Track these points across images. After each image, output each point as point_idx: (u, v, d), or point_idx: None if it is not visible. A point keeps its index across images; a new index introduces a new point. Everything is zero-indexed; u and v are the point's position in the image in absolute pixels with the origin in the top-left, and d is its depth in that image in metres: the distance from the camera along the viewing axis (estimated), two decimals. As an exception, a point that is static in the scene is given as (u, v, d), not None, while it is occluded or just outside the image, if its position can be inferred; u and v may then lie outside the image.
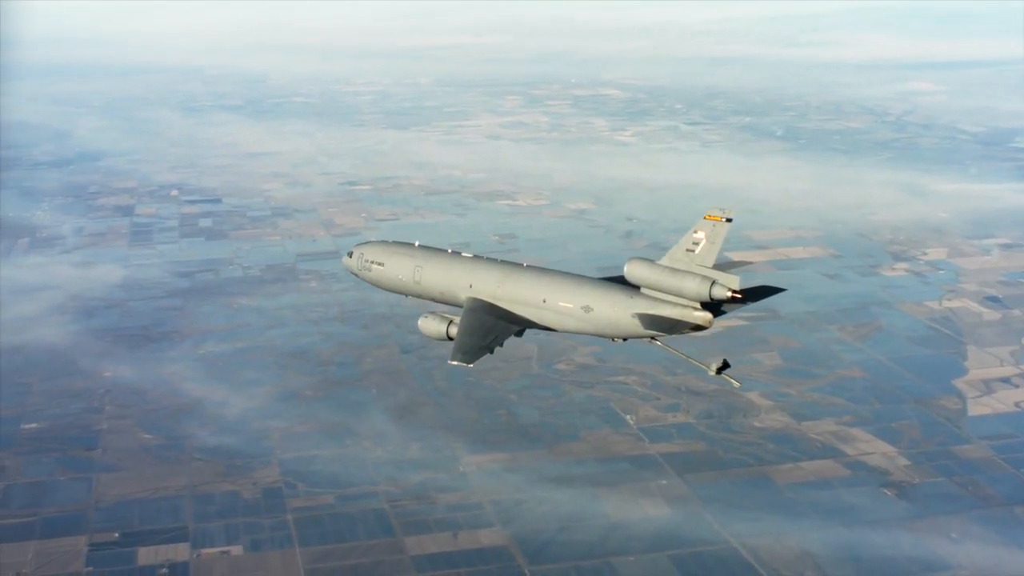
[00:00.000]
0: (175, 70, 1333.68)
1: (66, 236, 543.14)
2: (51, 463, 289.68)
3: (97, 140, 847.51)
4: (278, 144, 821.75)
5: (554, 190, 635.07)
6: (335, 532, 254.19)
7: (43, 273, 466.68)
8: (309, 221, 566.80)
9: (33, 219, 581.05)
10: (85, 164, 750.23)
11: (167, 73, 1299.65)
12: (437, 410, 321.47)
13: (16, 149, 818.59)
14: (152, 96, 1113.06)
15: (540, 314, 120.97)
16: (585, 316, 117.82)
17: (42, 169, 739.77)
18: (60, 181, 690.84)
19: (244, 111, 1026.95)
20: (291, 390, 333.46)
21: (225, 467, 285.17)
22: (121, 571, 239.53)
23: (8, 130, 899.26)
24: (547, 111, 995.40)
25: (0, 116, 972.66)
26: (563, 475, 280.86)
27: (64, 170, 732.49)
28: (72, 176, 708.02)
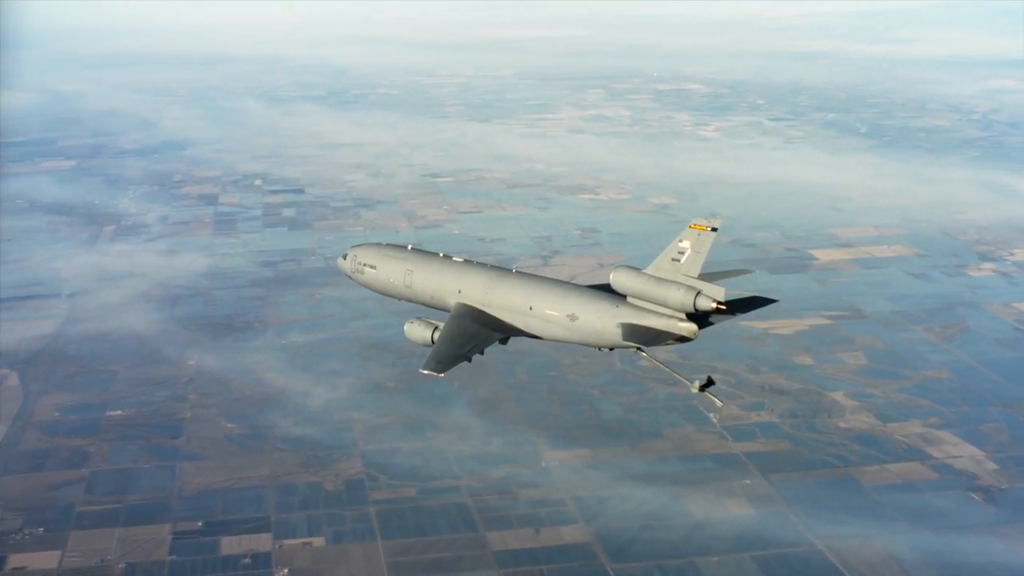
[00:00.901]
0: (260, 60, 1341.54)
1: (151, 224, 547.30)
2: (135, 451, 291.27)
3: (182, 129, 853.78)
4: (361, 135, 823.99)
5: (636, 185, 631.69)
6: (417, 525, 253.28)
7: (128, 261, 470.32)
8: (391, 212, 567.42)
9: (119, 207, 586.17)
10: (170, 153, 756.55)
11: (252, 63, 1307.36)
12: (519, 404, 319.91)
13: (103, 137, 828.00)
14: (237, 86, 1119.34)
15: (526, 321, 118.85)
16: (571, 325, 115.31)
17: (128, 157, 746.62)
18: (145, 169, 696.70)
19: (327, 101, 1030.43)
20: (373, 382, 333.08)
21: (307, 458, 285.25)
22: (204, 560, 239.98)
23: (95, 119, 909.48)
24: (629, 105, 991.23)
25: (88, 105, 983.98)
26: (646, 473, 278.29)
27: (149, 159, 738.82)
28: (157, 165, 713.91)
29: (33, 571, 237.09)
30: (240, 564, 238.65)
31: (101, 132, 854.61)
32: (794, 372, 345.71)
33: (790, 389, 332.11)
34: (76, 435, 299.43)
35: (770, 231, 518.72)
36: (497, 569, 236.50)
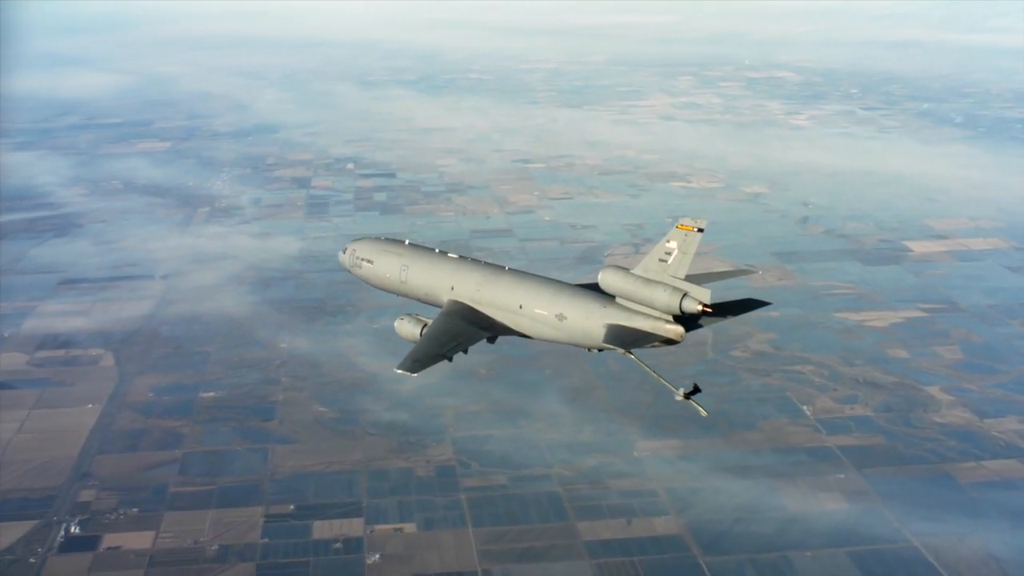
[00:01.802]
0: (352, 44, 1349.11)
1: (244, 207, 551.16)
2: (228, 433, 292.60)
3: (275, 112, 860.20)
4: (452, 120, 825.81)
5: (728, 173, 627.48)
6: (508, 513, 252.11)
7: (222, 243, 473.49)
8: (482, 198, 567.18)
9: (212, 189, 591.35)
10: (263, 136, 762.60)
11: (344, 47, 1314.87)
12: (610, 393, 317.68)
13: (197, 119, 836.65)
14: (329, 69, 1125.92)
15: (516, 320, 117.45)
16: (559, 324, 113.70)
17: (222, 139, 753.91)
18: (239, 152, 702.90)
19: (419, 86, 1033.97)
20: (465, 368, 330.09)
21: (399, 443, 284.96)
22: (296, 544, 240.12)
23: (190, 101, 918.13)
24: (720, 92, 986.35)
25: (183, 87, 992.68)
26: (739, 465, 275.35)
27: (243, 141, 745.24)
28: (250, 147, 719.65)
29: (127, 551, 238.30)
30: (332, 549, 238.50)
31: (195, 114, 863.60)
32: (889, 365, 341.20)
33: (885, 383, 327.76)
34: (170, 416, 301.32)
35: (863, 222, 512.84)
36: (588, 559, 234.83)
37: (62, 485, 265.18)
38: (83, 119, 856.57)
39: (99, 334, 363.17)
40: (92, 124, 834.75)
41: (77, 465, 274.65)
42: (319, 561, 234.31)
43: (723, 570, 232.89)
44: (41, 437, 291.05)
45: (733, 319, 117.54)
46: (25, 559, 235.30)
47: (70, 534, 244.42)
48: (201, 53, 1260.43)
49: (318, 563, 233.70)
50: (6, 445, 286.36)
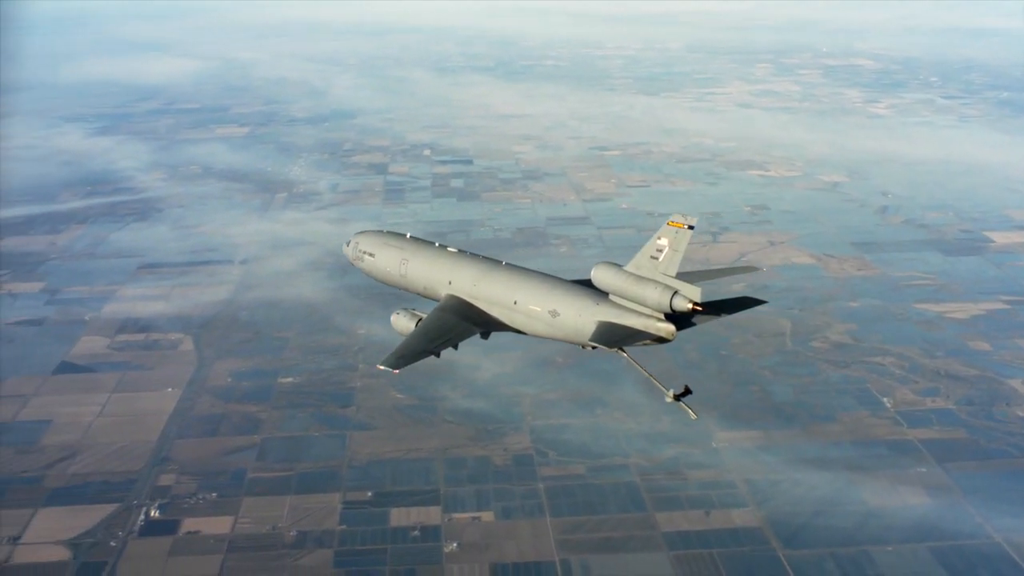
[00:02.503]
0: (429, 30, 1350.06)
1: (322, 192, 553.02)
2: (306, 418, 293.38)
3: (352, 98, 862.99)
4: (529, 106, 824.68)
5: (806, 161, 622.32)
6: (586, 503, 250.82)
7: (300, 229, 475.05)
8: (559, 185, 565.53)
9: (290, 174, 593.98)
10: (341, 121, 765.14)
11: (421, 33, 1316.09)
12: (689, 383, 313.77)
13: (275, 105, 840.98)
14: (406, 56, 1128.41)
15: (511, 316, 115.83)
16: (552, 321, 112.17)
17: (299, 125, 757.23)
18: (316, 138, 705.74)
19: (496, 72, 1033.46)
20: (542, 357, 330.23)
21: (476, 431, 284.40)
22: (374, 531, 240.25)
23: (268, 86, 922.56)
24: (798, 80, 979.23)
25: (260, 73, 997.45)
26: (818, 457, 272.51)
27: (320, 127, 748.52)
28: (328, 133, 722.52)
29: (207, 536, 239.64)
30: (409, 536, 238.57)
31: (273, 100, 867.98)
32: (970, 358, 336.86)
33: (966, 375, 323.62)
34: (248, 401, 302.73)
35: (943, 212, 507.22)
36: (667, 551, 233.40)
37: (142, 469, 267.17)
38: (162, 104, 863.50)
39: (178, 318, 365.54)
40: (171, 109, 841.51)
41: (157, 449, 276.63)
42: (397, 548, 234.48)
43: (803, 564, 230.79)
44: (121, 421, 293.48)
45: (728, 317, 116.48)
46: (106, 542, 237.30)
47: (150, 518, 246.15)
48: (278, 39, 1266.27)
49: (396, 550, 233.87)
50: (87, 428, 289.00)
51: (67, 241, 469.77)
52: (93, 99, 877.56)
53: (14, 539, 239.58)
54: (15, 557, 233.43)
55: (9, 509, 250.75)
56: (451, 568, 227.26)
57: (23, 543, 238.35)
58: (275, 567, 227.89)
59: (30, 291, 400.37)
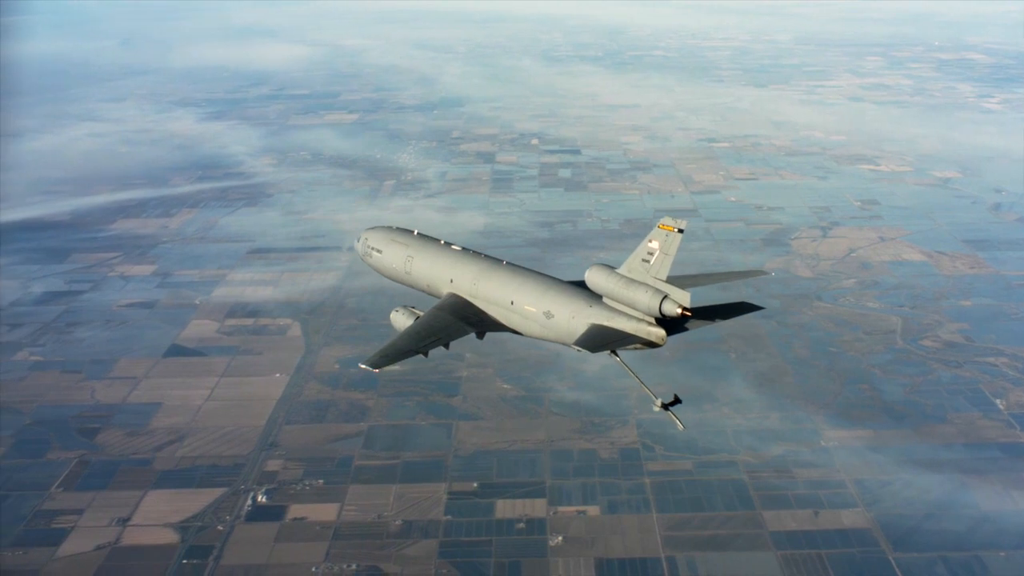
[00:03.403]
0: (537, 19, 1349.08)
1: (430, 180, 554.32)
2: (413, 407, 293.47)
3: (461, 86, 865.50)
4: (637, 97, 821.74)
5: (918, 156, 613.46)
6: (692, 500, 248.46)
7: (408, 216, 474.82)
8: (667, 177, 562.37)
9: (398, 162, 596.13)
10: (449, 109, 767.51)
11: (529, 22, 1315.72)
12: (797, 380, 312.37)
13: (384, 92, 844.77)
14: (515, 45, 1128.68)
15: (508, 316, 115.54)
16: (546, 322, 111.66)
17: (408, 112, 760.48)
18: (425, 125, 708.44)
19: (604, 62, 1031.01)
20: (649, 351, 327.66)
21: (582, 424, 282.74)
22: (479, 523, 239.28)
23: (377, 73, 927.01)
24: (909, 74, 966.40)
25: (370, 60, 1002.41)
26: (930, 459, 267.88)
27: (429, 114, 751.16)
28: (436, 121, 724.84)
29: (312, 522, 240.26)
30: (515, 529, 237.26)
31: (382, 87, 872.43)
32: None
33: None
34: (355, 388, 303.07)
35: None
36: (774, 550, 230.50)
37: (250, 454, 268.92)
38: (273, 90, 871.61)
39: (287, 304, 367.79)
40: (282, 95, 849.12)
41: (264, 434, 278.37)
42: (502, 541, 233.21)
43: (913, 567, 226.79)
44: (230, 405, 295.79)
45: (722, 322, 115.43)
46: (213, 526, 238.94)
47: (257, 503, 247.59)
48: (388, 26, 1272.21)
49: (501, 543, 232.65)
50: (196, 411, 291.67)
51: (178, 225, 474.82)
52: (205, 84, 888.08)
53: (124, 520, 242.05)
54: (124, 538, 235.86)
55: (119, 491, 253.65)
56: (556, 562, 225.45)
57: (132, 524, 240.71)
58: (380, 556, 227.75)
59: (142, 274, 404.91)
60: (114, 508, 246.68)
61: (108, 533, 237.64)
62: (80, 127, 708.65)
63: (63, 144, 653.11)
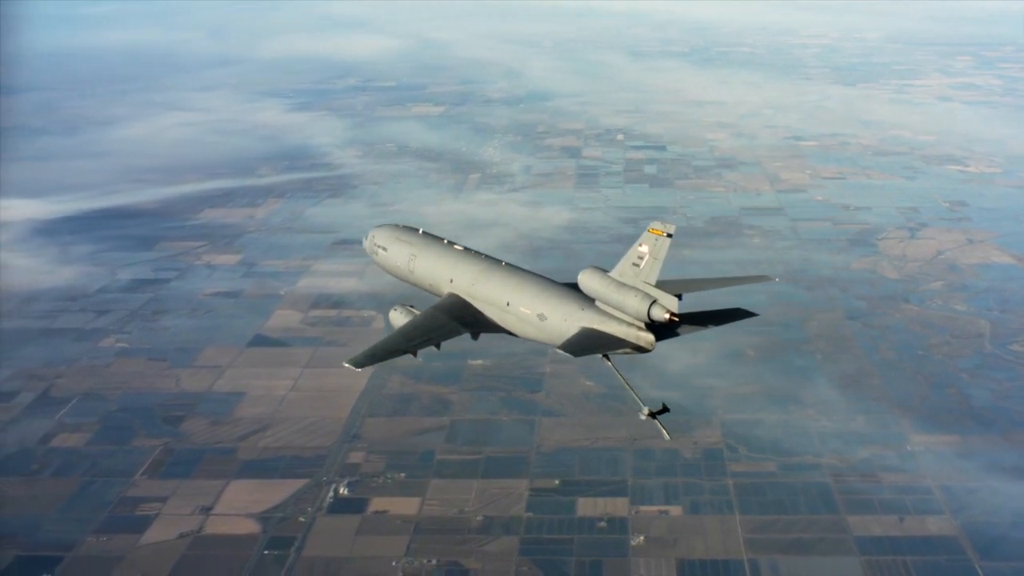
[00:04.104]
0: (624, 14, 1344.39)
1: (515, 174, 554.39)
2: (496, 402, 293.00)
3: (547, 80, 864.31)
4: (723, 93, 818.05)
5: (1008, 158, 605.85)
6: (776, 502, 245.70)
7: (493, 210, 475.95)
8: (753, 174, 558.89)
9: (484, 155, 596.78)
10: (535, 103, 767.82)
11: (616, 17, 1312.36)
12: (883, 383, 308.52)
13: (470, 85, 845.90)
14: (601, 39, 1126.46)
15: (504, 317, 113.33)
16: (540, 324, 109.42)
17: (494, 106, 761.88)
18: (511, 119, 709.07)
19: (690, 58, 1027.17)
20: (735, 349, 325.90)
21: (666, 423, 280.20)
22: (560, 520, 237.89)
23: (464, 66, 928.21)
24: (1000, 74, 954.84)
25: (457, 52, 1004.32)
26: (1018, 466, 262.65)
27: (515, 108, 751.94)
28: (522, 115, 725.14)
29: (394, 516, 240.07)
30: (596, 527, 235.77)
31: (469, 80, 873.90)
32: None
33: None
34: (438, 382, 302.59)
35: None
36: (858, 555, 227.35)
37: (332, 446, 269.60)
38: (360, 81, 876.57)
39: (371, 296, 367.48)
40: (368, 87, 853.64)
41: (347, 426, 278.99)
42: (583, 539, 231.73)
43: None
44: (313, 396, 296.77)
45: (714, 328, 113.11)
46: (295, 517, 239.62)
47: (339, 495, 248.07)
48: (475, 19, 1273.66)
49: (582, 541, 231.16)
50: (279, 402, 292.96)
51: (264, 215, 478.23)
52: (293, 75, 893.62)
53: (206, 509, 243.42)
54: (207, 527, 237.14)
55: (203, 479, 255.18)
56: (637, 562, 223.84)
57: (215, 514, 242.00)
58: (461, 552, 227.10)
59: (228, 263, 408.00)
60: (197, 497, 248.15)
61: (191, 521, 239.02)
62: (169, 116, 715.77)
63: (152, 133, 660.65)
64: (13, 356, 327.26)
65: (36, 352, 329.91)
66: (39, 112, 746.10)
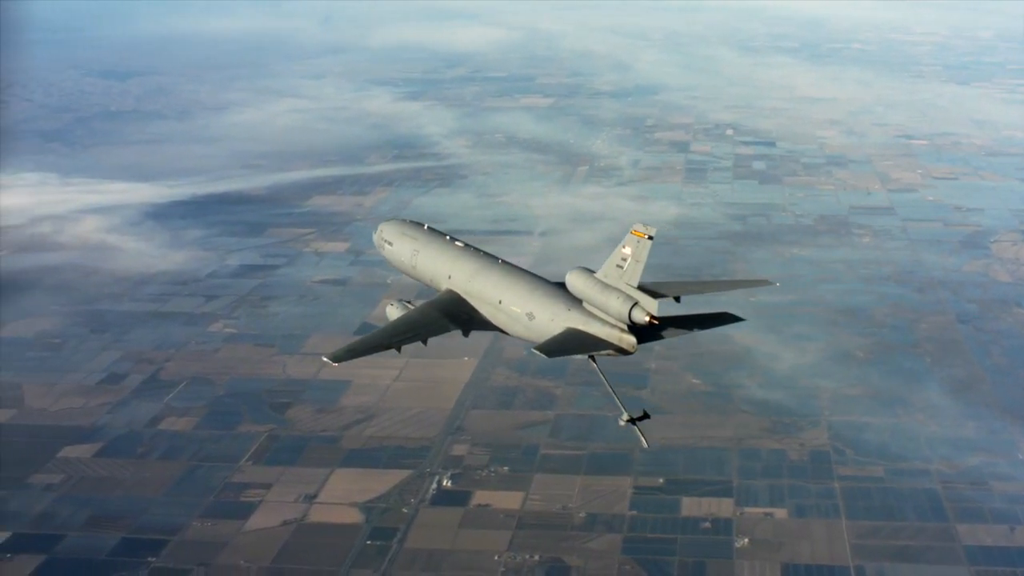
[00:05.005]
0: (736, 9, 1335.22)
1: (623, 168, 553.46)
2: (600, 397, 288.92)
3: (656, 74, 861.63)
4: (834, 90, 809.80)
5: None
6: (883, 508, 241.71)
7: (600, 204, 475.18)
8: (863, 173, 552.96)
9: (592, 148, 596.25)
10: (643, 97, 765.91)
11: (728, 11, 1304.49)
12: (995, 388, 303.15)
13: (579, 77, 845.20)
14: (711, 34, 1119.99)
15: (496, 315, 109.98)
16: (529, 324, 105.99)
17: (603, 99, 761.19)
18: (619, 112, 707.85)
19: (801, 54, 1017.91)
20: (842, 350, 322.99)
21: (772, 423, 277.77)
22: (664, 520, 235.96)
23: (573, 58, 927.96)
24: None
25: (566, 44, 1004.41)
26: None
27: (623, 101, 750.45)
28: (630, 108, 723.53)
29: (497, 510, 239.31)
30: (700, 528, 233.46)
31: (578, 72, 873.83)
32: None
33: None
34: (544, 376, 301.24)
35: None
36: (967, 565, 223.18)
37: (436, 437, 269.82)
38: (469, 72, 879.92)
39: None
40: (478, 77, 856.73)
41: (451, 418, 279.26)
42: (686, 540, 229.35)
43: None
44: (418, 386, 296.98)
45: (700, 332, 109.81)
46: (398, 508, 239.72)
47: (442, 488, 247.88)
48: (585, 11, 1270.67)
49: (685, 541, 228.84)
50: (384, 392, 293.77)
51: (373, 203, 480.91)
52: (403, 64, 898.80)
53: (310, 497, 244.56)
54: (310, 516, 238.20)
55: (307, 467, 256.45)
56: (741, 565, 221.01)
57: (319, 502, 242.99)
58: (563, 548, 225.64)
59: (336, 251, 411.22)
60: (301, 484, 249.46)
61: (295, 509, 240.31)
62: (280, 103, 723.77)
63: (263, 119, 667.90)
64: (124, 339, 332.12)
65: (146, 335, 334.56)
66: (153, 97, 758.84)
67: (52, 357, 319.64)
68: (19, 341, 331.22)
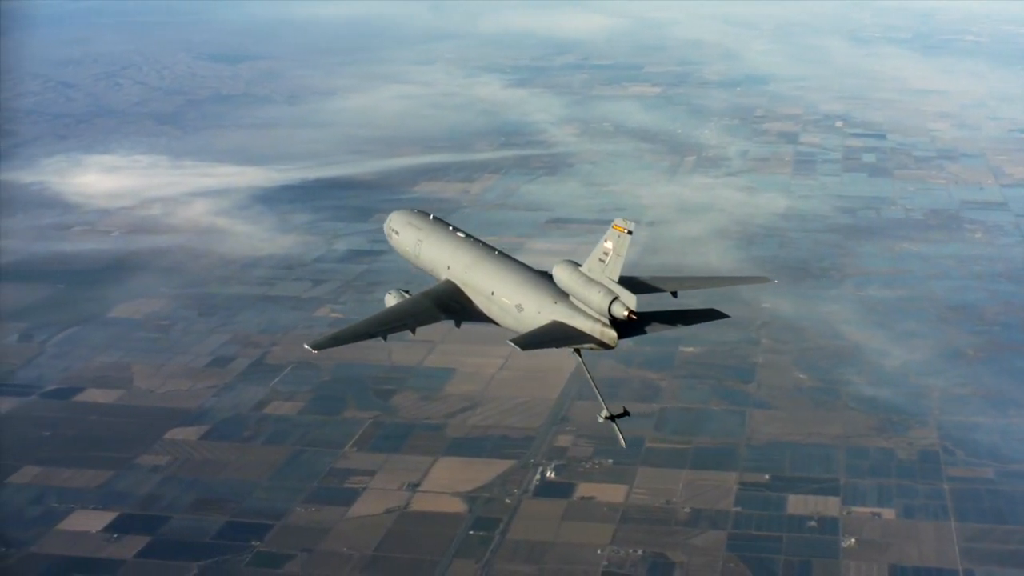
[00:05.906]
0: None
1: (731, 158, 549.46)
2: (706, 391, 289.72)
3: (765, 64, 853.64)
4: (946, 83, 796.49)
5: None
6: (993, 510, 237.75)
7: (707, 194, 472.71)
8: (976, 167, 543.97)
9: (700, 138, 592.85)
10: (752, 87, 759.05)
11: (838, 1, 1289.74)
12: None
13: (688, 66, 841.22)
14: (822, 23, 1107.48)
15: (489, 306, 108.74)
16: (518, 316, 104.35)
17: (711, 88, 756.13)
18: (728, 102, 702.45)
19: (912, 45, 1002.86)
20: (953, 348, 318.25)
21: (880, 421, 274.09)
22: (769, 517, 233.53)
23: (682, 47, 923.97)
24: None
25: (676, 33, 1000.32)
26: None
27: (732, 91, 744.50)
28: (739, 98, 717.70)
29: (600, 503, 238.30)
30: (806, 526, 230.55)
31: (686, 61, 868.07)
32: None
33: None
34: (650, 367, 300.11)
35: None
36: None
37: (540, 427, 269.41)
38: (578, 59, 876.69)
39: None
40: (586, 64, 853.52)
41: (556, 408, 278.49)
42: (792, 538, 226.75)
43: None
44: (522, 376, 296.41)
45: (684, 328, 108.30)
46: (501, 499, 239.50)
47: (546, 479, 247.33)
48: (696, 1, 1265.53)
49: (791, 540, 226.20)
50: (489, 380, 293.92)
51: (479, 191, 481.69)
52: (512, 50, 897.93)
53: (414, 485, 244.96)
54: (413, 504, 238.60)
55: (411, 455, 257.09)
56: (848, 565, 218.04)
57: (421, 491, 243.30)
58: (667, 543, 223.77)
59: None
60: (405, 472, 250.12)
61: (398, 497, 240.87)
62: (389, 88, 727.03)
63: (372, 104, 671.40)
64: (231, 322, 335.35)
65: (253, 318, 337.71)
66: (263, 81, 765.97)
67: (161, 339, 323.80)
68: (128, 322, 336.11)
